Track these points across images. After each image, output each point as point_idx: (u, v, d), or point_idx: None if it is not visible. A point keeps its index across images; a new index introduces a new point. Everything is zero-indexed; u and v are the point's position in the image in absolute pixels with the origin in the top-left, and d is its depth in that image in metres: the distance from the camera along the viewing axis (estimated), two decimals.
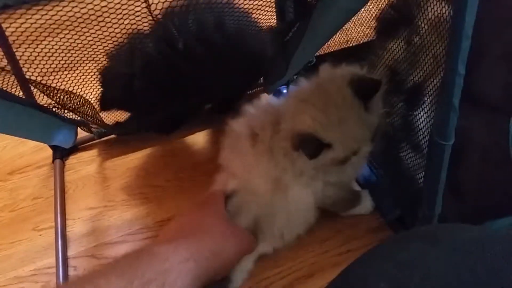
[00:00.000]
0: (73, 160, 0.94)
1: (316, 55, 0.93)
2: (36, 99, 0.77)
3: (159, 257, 0.47)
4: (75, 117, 0.81)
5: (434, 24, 0.53)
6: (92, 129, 0.92)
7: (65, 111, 0.77)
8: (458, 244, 0.36)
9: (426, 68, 0.55)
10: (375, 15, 0.73)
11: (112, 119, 0.88)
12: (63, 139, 0.87)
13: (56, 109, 0.76)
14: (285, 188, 0.63)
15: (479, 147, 0.61)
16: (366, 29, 0.82)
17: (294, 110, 0.60)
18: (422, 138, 0.57)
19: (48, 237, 0.79)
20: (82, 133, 0.94)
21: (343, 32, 0.88)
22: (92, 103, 0.81)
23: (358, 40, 0.88)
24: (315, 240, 0.71)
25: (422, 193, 0.57)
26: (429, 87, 0.54)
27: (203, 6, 0.69)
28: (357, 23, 0.85)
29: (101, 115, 0.84)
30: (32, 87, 0.73)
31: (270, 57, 0.78)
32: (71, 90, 0.76)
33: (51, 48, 0.62)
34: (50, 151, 0.93)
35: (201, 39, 0.70)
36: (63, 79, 0.72)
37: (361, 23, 0.83)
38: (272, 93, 0.93)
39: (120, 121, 0.88)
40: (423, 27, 0.54)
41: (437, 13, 0.52)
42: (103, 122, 0.85)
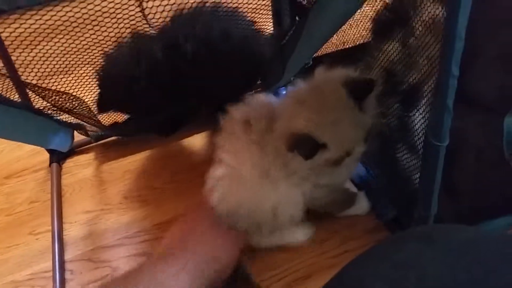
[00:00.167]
0: (70, 164, 0.93)
1: (313, 57, 0.93)
2: (32, 102, 0.77)
3: (155, 269, 0.48)
4: (72, 120, 0.80)
5: (429, 26, 0.54)
6: (89, 132, 0.92)
7: (62, 114, 0.77)
8: (454, 245, 0.36)
9: (422, 70, 0.55)
10: (371, 17, 0.73)
11: (110, 121, 0.88)
12: (60, 143, 0.86)
13: (52, 112, 0.75)
14: (274, 181, 0.62)
15: (474, 148, 0.61)
16: (363, 31, 0.82)
17: (290, 111, 0.60)
18: (418, 139, 0.58)
19: (45, 241, 0.78)
20: (79, 137, 0.93)
21: (340, 34, 0.89)
22: (89, 105, 0.81)
23: (355, 42, 0.88)
24: (312, 241, 0.71)
25: (418, 194, 0.57)
26: (425, 88, 0.54)
27: (209, 10, 0.70)
28: (353, 25, 0.85)
29: (98, 117, 0.83)
30: (28, 90, 0.73)
31: (268, 60, 0.78)
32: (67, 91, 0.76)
33: (46, 53, 0.62)
34: (47, 155, 0.93)
35: (207, 44, 0.70)
36: (59, 83, 0.72)
37: (357, 25, 0.84)
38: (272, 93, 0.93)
39: (118, 122, 0.87)
40: (418, 29, 0.54)
41: (432, 15, 0.52)
42: (100, 123, 0.85)
